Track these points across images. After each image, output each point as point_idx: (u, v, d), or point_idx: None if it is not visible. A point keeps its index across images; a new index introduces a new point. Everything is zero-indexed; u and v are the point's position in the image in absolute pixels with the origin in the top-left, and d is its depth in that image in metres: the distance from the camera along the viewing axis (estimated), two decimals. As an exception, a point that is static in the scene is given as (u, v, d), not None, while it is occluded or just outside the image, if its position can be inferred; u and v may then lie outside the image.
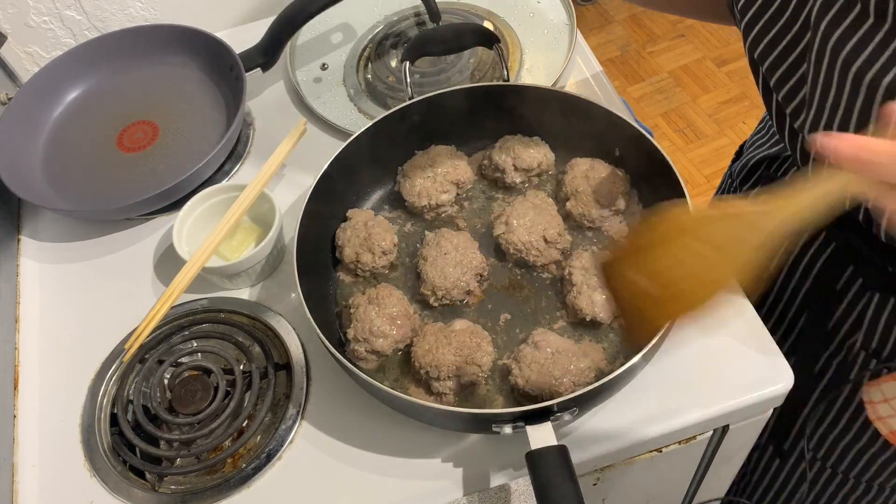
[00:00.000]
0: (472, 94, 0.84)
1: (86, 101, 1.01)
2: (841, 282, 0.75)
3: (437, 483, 0.69)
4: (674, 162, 0.73)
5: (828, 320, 0.77)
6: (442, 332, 0.71)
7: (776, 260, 0.83)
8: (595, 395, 0.64)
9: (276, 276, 0.85)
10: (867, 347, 0.75)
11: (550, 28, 1.05)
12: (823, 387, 0.81)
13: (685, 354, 0.74)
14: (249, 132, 1.00)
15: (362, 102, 1.00)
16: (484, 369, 0.70)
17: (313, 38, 1.09)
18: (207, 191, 0.85)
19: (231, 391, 0.75)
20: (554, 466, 0.60)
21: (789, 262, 0.82)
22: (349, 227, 0.79)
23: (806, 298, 0.81)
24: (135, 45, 1.02)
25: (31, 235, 0.92)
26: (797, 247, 0.81)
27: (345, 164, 0.80)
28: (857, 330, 0.75)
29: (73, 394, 0.78)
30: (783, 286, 0.84)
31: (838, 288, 0.76)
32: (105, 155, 0.95)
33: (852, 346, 0.76)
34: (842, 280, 0.75)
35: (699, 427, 0.73)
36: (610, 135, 0.81)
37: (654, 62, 2.47)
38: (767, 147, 0.87)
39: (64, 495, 0.72)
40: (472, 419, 0.66)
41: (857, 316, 0.75)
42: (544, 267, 0.78)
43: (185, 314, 0.82)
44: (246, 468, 0.72)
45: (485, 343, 0.71)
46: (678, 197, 0.72)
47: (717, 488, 0.94)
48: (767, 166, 0.87)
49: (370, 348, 0.72)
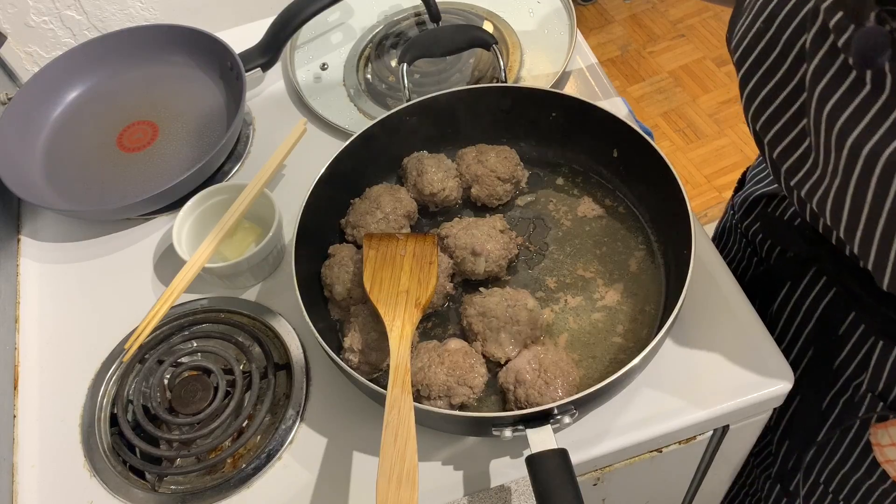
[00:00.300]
0: (471, 96, 0.84)
1: (86, 101, 1.01)
2: (844, 326, 0.73)
3: (437, 484, 0.69)
4: (674, 162, 0.73)
5: (832, 361, 0.75)
6: (436, 350, 0.71)
7: (777, 302, 0.82)
8: (595, 398, 0.64)
9: (276, 276, 0.85)
10: (873, 390, 0.73)
11: (550, 28, 1.05)
12: (831, 423, 0.79)
13: (685, 355, 0.74)
14: (249, 132, 1.00)
15: (362, 102, 1.00)
16: (476, 391, 0.69)
17: (313, 38, 1.09)
18: (207, 191, 0.85)
19: (231, 391, 0.75)
20: (554, 471, 0.59)
21: (791, 305, 0.80)
22: (334, 263, 0.77)
23: (808, 340, 0.79)
24: (135, 45, 1.02)
25: (31, 235, 0.92)
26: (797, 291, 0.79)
27: (345, 164, 0.80)
28: (862, 372, 0.73)
29: (73, 394, 0.78)
30: (785, 327, 0.82)
31: (841, 332, 0.73)
32: (105, 155, 0.96)
33: (858, 386, 0.74)
34: (845, 324, 0.73)
35: (699, 427, 0.73)
36: (609, 135, 0.81)
37: (654, 62, 2.47)
38: (767, 183, 0.85)
39: (64, 495, 0.72)
40: (473, 422, 0.65)
41: (862, 359, 0.72)
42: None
43: (185, 314, 0.82)
44: (246, 468, 0.72)
45: (478, 364, 0.70)
46: (678, 197, 0.72)
47: (717, 488, 0.94)
48: (766, 205, 0.84)
49: (364, 360, 0.72)
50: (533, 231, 0.83)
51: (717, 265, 0.80)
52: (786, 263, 0.80)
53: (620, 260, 0.79)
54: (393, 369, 0.64)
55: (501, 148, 0.84)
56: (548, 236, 0.82)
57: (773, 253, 0.83)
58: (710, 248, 0.82)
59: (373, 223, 0.79)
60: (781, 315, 0.82)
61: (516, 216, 0.85)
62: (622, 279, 0.78)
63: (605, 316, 0.76)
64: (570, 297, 0.77)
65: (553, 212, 0.84)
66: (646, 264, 0.79)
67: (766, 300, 0.83)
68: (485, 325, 0.72)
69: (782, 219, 0.79)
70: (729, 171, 2.18)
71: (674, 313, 0.65)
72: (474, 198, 0.84)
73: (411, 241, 0.76)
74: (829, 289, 0.75)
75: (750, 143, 2.23)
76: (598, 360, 0.73)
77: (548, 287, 0.78)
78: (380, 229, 0.79)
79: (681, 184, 0.72)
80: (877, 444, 0.74)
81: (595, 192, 0.85)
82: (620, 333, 0.75)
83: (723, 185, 2.15)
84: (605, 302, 0.77)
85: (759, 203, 0.85)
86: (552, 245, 0.82)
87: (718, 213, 2.09)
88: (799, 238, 0.75)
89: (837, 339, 0.74)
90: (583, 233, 0.82)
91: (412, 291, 0.72)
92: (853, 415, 0.75)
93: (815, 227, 0.67)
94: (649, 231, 0.81)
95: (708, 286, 0.78)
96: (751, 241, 0.88)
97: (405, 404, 0.61)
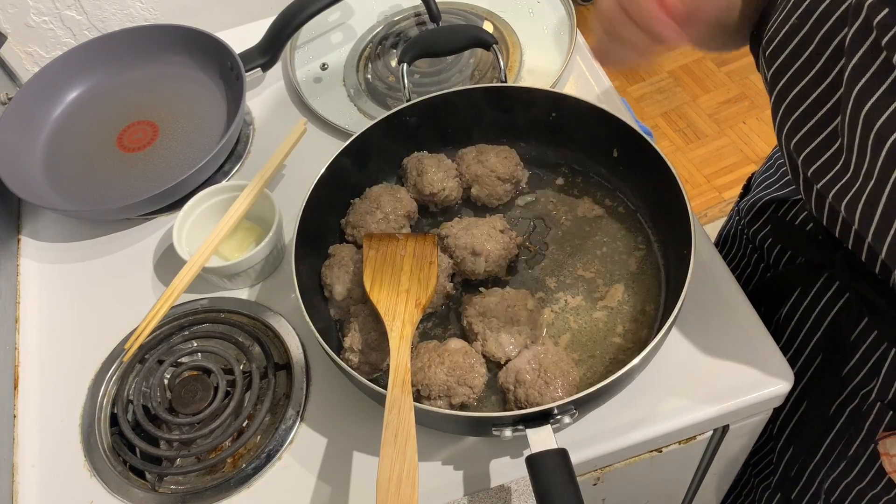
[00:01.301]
0: (471, 96, 0.84)
1: (86, 101, 1.01)
2: (855, 332, 0.72)
3: (437, 484, 0.69)
4: (674, 162, 0.73)
5: (841, 369, 0.74)
6: (436, 350, 0.71)
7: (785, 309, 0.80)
8: (595, 398, 0.64)
9: (276, 276, 0.85)
10: (883, 399, 0.71)
11: (550, 28, 1.05)
12: (836, 432, 0.78)
13: (685, 354, 0.74)
14: (249, 132, 1.00)
15: (362, 102, 1.00)
16: (476, 391, 0.69)
17: (313, 38, 1.09)
18: (207, 191, 0.85)
19: (231, 391, 0.75)
20: (554, 471, 0.59)
21: (800, 312, 0.79)
22: (334, 263, 0.77)
23: (817, 347, 0.78)
24: (135, 45, 1.02)
25: (31, 235, 0.92)
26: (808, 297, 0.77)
27: (345, 164, 0.80)
28: (871, 380, 0.72)
29: (73, 394, 0.78)
30: (793, 334, 0.80)
31: (853, 338, 0.72)
32: (105, 155, 0.95)
33: (867, 395, 0.73)
34: (856, 330, 0.72)
35: (699, 427, 0.73)
36: (609, 135, 0.81)
37: (653, 62, 2.47)
38: (777, 188, 0.83)
39: (64, 495, 0.72)
40: (473, 422, 0.65)
41: (872, 367, 0.71)
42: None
43: (185, 314, 0.82)
44: (246, 468, 0.72)
45: (478, 364, 0.70)
46: (678, 197, 0.72)
47: (717, 488, 0.94)
48: (776, 209, 0.82)
49: (364, 360, 0.72)
50: (533, 231, 0.83)
51: (718, 265, 0.80)
52: (796, 269, 0.79)
53: (620, 260, 0.79)
54: (393, 369, 0.64)
55: (501, 148, 0.85)
56: (548, 236, 0.82)
57: (781, 259, 0.82)
58: (710, 248, 0.82)
59: (373, 223, 0.79)
60: (790, 322, 0.80)
61: (516, 216, 0.85)
62: (622, 279, 0.78)
63: (605, 316, 0.76)
64: (570, 297, 0.77)
65: (553, 212, 0.84)
66: (646, 264, 0.79)
67: (772, 307, 0.82)
68: (485, 325, 0.72)
69: (794, 223, 0.78)
70: (729, 171, 2.18)
71: (674, 313, 0.65)
72: (474, 198, 0.84)
73: (411, 241, 0.76)
74: (841, 295, 0.73)
75: (750, 144, 2.23)
76: (598, 360, 0.73)
77: (548, 287, 0.78)
78: (380, 229, 0.79)
79: (681, 184, 0.72)
80: (885, 453, 0.73)
81: (595, 192, 0.85)
82: (620, 333, 0.75)
83: (723, 185, 2.15)
84: (605, 302, 0.77)
85: (769, 208, 0.83)
86: (552, 245, 0.82)
87: (718, 213, 2.09)
88: (811, 243, 0.74)
89: (848, 345, 0.73)
90: (583, 233, 0.82)
91: (412, 291, 0.72)
92: (860, 424, 0.74)
93: (830, 232, 0.65)
94: (649, 231, 0.81)
95: (708, 286, 0.78)
96: (758, 247, 0.86)
97: (405, 404, 0.62)
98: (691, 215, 0.70)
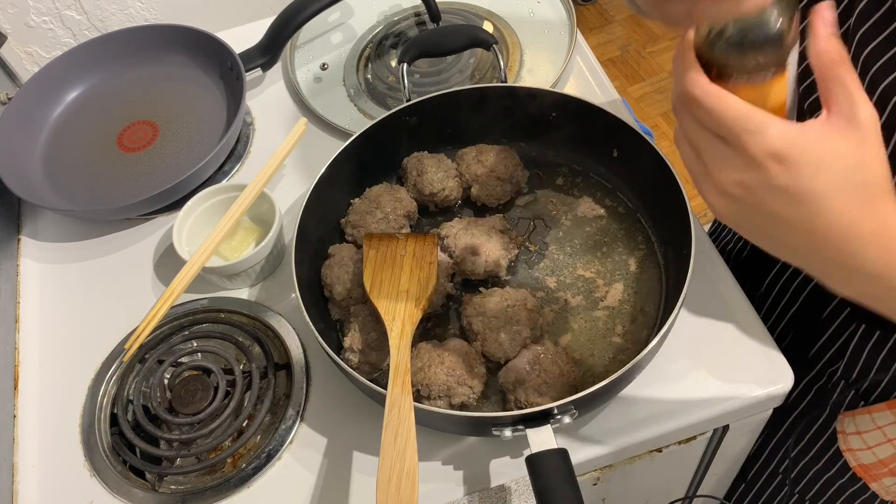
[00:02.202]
0: (471, 96, 0.84)
1: (86, 101, 1.01)
2: (828, 310, 0.74)
3: (437, 484, 0.69)
4: (673, 162, 0.73)
5: (811, 346, 0.76)
6: (436, 350, 0.71)
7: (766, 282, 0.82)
8: (595, 398, 0.64)
9: (276, 276, 0.85)
10: (847, 377, 0.74)
11: (550, 28, 1.05)
12: (800, 411, 0.80)
13: (685, 354, 0.74)
14: (249, 132, 1.00)
15: (362, 102, 1.00)
16: (476, 391, 0.69)
17: (313, 38, 1.09)
18: (207, 191, 0.85)
19: (231, 391, 0.75)
20: (554, 470, 0.59)
21: (779, 286, 0.81)
22: (334, 263, 0.77)
23: (792, 321, 0.80)
24: (135, 45, 1.02)
25: (31, 235, 0.92)
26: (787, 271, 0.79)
27: (345, 164, 0.80)
28: (839, 359, 0.74)
29: (73, 394, 0.78)
30: (772, 306, 0.82)
31: (824, 315, 0.74)
32: (105, 155, 0.96)
33: (833, 373, 0.75)
34: (829, 307, 0.74)
35: (699, 427, 0.73)
36: (609, 135, 0.81)
37: (654, 62, 2.47)
38: None
39: (64, 495, 0.72)
40: (473, 422, 0.65)
41: (841, 345, 0.74)
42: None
43: (185, 314, 0.82)
44: (246, 468, 0.72)
45: (478, 364, 0.70)
46: (678, 197, 0.72)
47: (716, 488, 0.94)
48: None
49: (364, 360, 0.72)
50: (533, 231, 0.83)
51: (718, 265, 0.80)
52: None
53: (620, 260, 0.79)
54: (393, 369, 0.64)
55: (501, 148, 0.85)
56: (548, 236, 0.82)
57: None
58: (710, 248, 0.82)
59: (373, 223, 0.79)
60: (769, 295, 0.82)
61: (516, 216, 0.85)
62: (622, 279, 0.78)
63: (605, 316, 0.76)
64: (570, 297, 0.77)
65: (553, 212, 0.84)
66: (646, 264, 0.79)
67: (756, 283, 0.84)
68: (485, 325, 0.72)
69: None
70: (729, 171, 2.18)
71: (674, 313, 0.65)
72: (474, 198, 0.84)
73: (411, 241, 0.76)
74: None
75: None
76: (597, 360, 0.73)
77: (548, 287, 0.78)
78: (380, 229, 0.79)
79: (681, 184, 0.72)
80: (842, 431, 0.74)
81: (595, 192, 0.85)
82: (620, 333, 0.75)
83: (723, 185, 2.15)
84: (605, 302, 0.77)
85: None
86: (552, 245, 0.82)
87: (718, 213, 2.09)
88: None
89: (819, 323, 0.74)
90: (583, 233, 0.82)
91: (412, 291, 0.72)
92: (824, 403, 0.76)
93: None
94: (649, 231, 0.81)
95: (708, 286, 0.78)
96: None
97: (405, 404, 0.62)
98: (691, 215, 0.70)
